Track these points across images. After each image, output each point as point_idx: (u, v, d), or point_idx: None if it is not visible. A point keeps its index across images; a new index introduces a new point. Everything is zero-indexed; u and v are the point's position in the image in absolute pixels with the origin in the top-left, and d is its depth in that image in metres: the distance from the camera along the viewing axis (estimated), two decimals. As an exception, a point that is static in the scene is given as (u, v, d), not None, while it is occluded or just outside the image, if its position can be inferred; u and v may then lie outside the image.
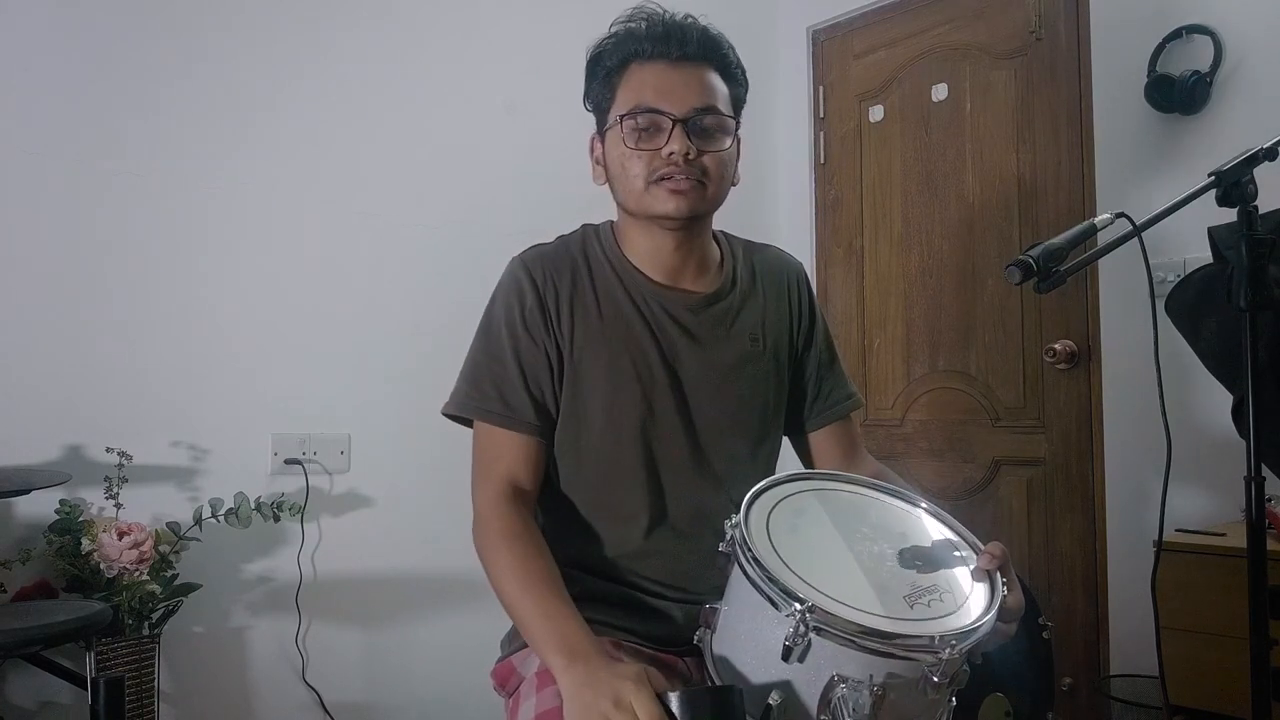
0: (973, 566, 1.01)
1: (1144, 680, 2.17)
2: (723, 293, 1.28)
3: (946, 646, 0.88)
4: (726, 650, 0.98)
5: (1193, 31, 2.30)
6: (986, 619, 0.93)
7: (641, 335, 1.22)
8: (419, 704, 2.34)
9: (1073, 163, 2.60)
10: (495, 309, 1.24)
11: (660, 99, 1.17)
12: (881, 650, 0.88)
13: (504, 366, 1.20)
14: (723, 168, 1.20)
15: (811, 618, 0.87)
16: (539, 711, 1.05)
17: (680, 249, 1.24)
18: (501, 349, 1.21)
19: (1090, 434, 2.54)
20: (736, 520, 0.97)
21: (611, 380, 1.20)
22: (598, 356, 1.21)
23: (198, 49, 2.12)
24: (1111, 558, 2.46)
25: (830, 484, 1.11)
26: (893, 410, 2.98)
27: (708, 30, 1.22)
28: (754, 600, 0.93)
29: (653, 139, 1.17)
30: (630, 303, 1.23)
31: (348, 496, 2.29)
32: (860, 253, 3.10)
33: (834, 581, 0.93)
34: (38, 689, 1.83)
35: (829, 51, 3.22)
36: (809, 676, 0.90)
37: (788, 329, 1.33)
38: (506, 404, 1.19)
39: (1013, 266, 1.22)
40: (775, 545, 0.96)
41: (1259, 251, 1.25)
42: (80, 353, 1.94)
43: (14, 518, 1.84)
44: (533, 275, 1.22)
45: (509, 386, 1.19)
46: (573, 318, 1.21)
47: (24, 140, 1.90)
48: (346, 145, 2.32)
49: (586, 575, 1.20)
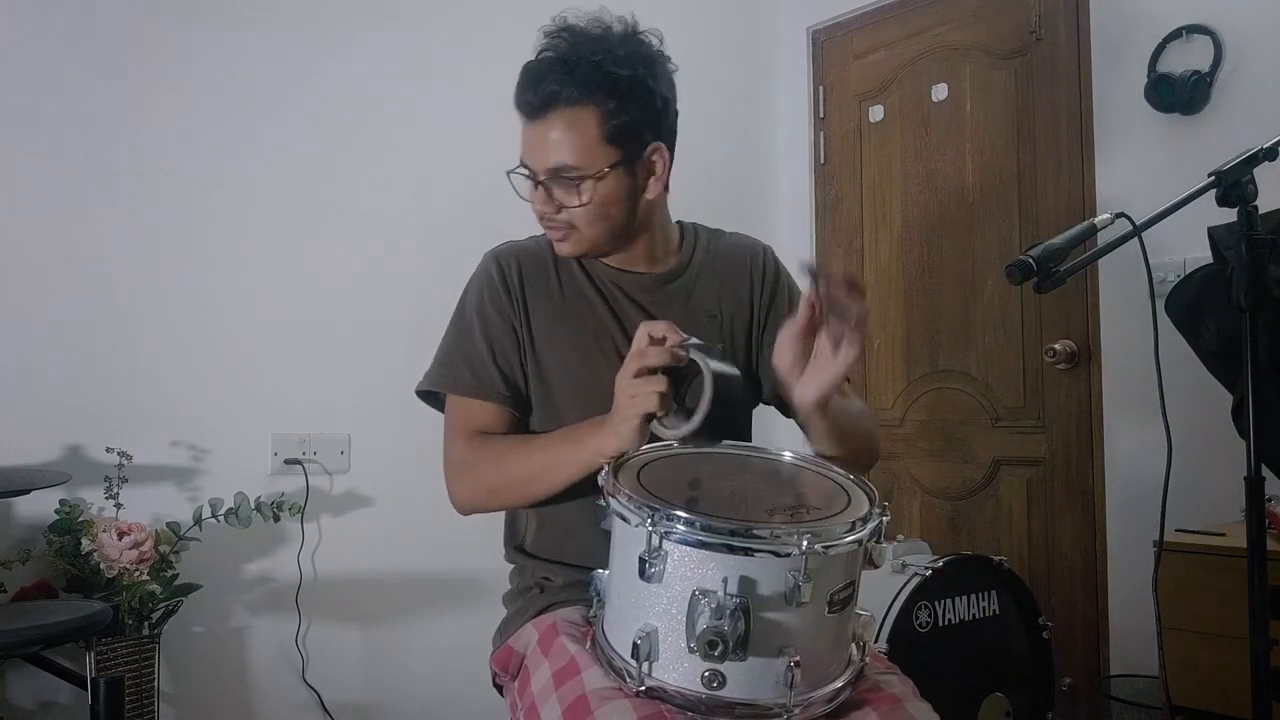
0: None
1: (1144, 680, 2.17)
2: (676, 273, 1.34)
3: (795, 531, 0.87)
4: (609, 597, 1.00)
5: (1193, 31, 2.30)
6: (845, 515, 0.94)
7: (602, 312, 1.29)
8: (419, 704, 2.34)
9: (1073, 163, 2.60)
10: (466, 297, 1.33)
11: (525, 154, 1.24)
12: (734, 545, 0.87)
13: (473, 345, 1.28)
14: (590, 215, 1.23)
15: (663, 521, 0.88)
16: (555, 670, 1.06)
17: (629, 247, 1.31)
18: (471, 329, 1.29)
19: (1090, 434, 2.54)
20: (606, 469, 1.00)
21: (577, 354, 1.27)
22: (559, 333, 1.28)
23: (198, 50, 2.12)
24: (1111, 558, 2.46)
25: (709, 448, 1.14)
26: (893, 410, 2.98)
27: (573, 70, 1.17)
28: (617, 530, 0.96)
29: (531, 189, 1.25)
30: (590, 285, 1.31)
31: (348, 496, 2.29)
32: (860, 253, 3.10)
33: (691, 502, 0.96)
34: (38, 689, 1.83)
35: (829, 51, 3.22)
36: (672, 600, 0.89)
37: (748, 305, 1.37)
38: (476, 377, 1.27)
39: (1013, 266, 1.22)
40: (641, 480, 0.99)
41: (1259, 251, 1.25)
42: (80, 353, 1.94)
43: (14, 518, 1.84)
44: (500, 263, 1.31)
45: (479, 362, 1.27)
46: (537, 299, 1.29)
47: (25, 140, 1.90)
48: (347, 146, 2.32)
49: (567, 567, 1.25)
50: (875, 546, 0.95)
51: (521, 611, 1.26)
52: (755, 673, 0.88)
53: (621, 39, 1.22)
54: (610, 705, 0.94)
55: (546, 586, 1.26)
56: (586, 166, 1.20)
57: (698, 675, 0.88)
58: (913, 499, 2.93)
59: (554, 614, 1.19)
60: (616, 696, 0.95)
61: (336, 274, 2.29)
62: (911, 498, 2.94)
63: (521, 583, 1.31)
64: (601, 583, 1.02)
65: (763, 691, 0.89)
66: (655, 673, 0.91)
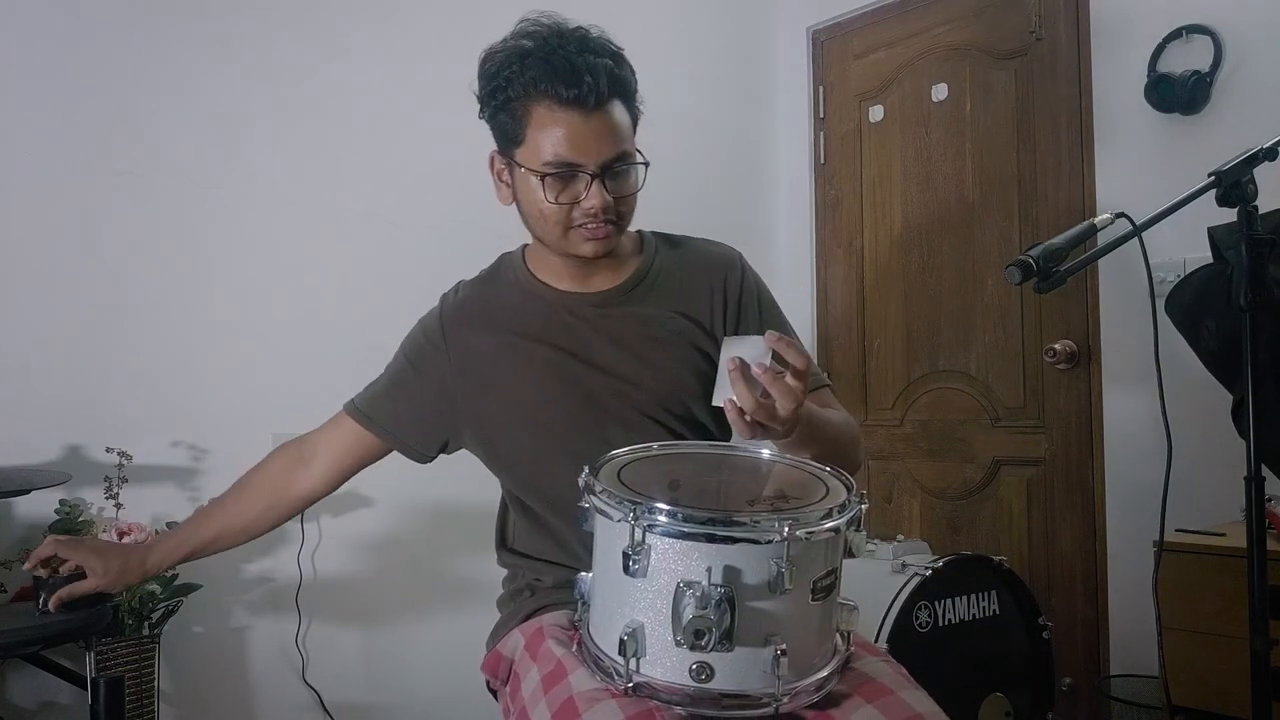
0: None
1: (1144, 680, 2.17)
2: (628, 286, 1.31)
3: (775, 519, 0.87)
4: (594, 598, 1.00)
5: (1193, 31, 2.30)
6: (826, 502, 0.94)
7: (550, 338, 1.29)
8: (419, 704, 2.34)
9: (1073, 163, 2.60)
10: (406, 339, 1.43)
11: (575, 152, 1.17)
12: (715, 534, 0.87)
13: (385, 378, 1.41)
14: (634, 203, 1.25)
15: (645, 515, 0.88)
16: (543, 674, 1.06)
17: (588, 265, 1.30)
18: (392, 365, 1.42)
19: (1090, 434, 2.54)
20: (586, 470, 1.01)
21: (526, 385, 1.27)
22: (503, 369, 1.29)
23: (198, 50, 2.12)
24: (1111, 558, 2.46)
25: (687, 448, 1.15)
26: (893, 410, 2.98)
27: (612, 66, 1.19)
28: (599, 528, 0.96)
29: (570, 189, 1.19)
30: (538, 315, 1.31)
31: (348, 496, 2.29)
32: (860, 253, 3.11)
33: (672, 496, 0.96)
34: (38, 689, 1.83)
35: (829, 51, 3.22)
36: (657, 594, 0.89)
37: (707, 313, 1.32)
38: (363, 401, 1.40)
39: (1013, 266, 1.22)
40: (621, 478, 0.99)
41: (1259, 251, 1.26)
42: (80, 353, 1.94)
43: (14, 518, 1.84)
44: (442, 314, 1.37)
45: (375, 391, 1.40)
46: (474, 343, 1.32)
47: (25, 141, 1.90)
48: (347, 146, 2.32)
49: (554, 565, 1.26)
50: (853, 535, 0.95)
51: (511, 617, 1.27)
52: (742, 663, 0.88)
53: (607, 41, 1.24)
54: (598, 707, 0.94)
55: (537, 588, 1.27)
56: (636, 153, 1.23)
57: (685, 668, 0.88)
58: (913, 499, 2.93)
59: (540, 619, 1.19)
60: (604, 697, 0.95)
61: (336, 274, 2.29)
62: (911, 498, 2.94)
63: (513, 586, 1.32)
64: (586, 585, 1.01)
65: (750, 682, 0.89)
66: (643, 668, 0.91)
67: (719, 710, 0.89)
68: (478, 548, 1.59)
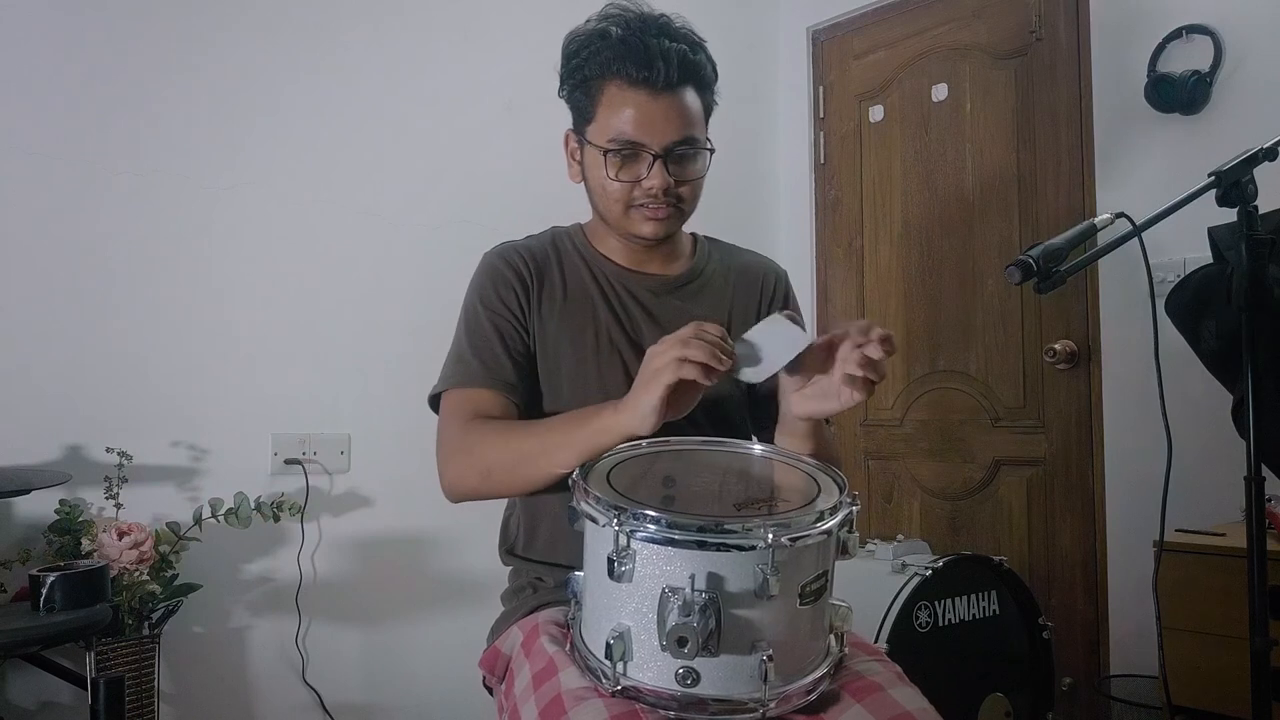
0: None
1: (1144, 680, 2.17)
2: (684, 279, 1.35)
3: (761, 525, 0.86)
4: (584, 600, 0.99)
5: (1193, 31, 2.30)
6: (811, 506, 0.93)
7: (604, 313, 1.29)
8: (419, 704, 2.34)
9: (1073, 163, 2.60)
10: (470, 296, 1.32)
11: (640, 131, 1.20)
12: (699, 541, 0.87)
13: (483, 336, 1.26)
14: (698, 189, 1.27)
15: (629, 520, 0.88)
16: (535, 671, 1.06)
17: (645, 251, 1.32)
18: (479, 322, 1.27)
19: (1090, 434, 2.54)
20: (576, 472, 1.01)
21: (577, 353, 1.27)
22: (563, 331, 1.28)
23: (199, 50, 2.12)
24: (1111, 558, 2.46)
25: (679, 444, 1.14)
26: (893, 410, 2.98)
27: (687, 51, 1.22)
28: (587, 531, 0.96)
29: (632, 168, 1.22)
30: (595, 284, 1.31)
31: (348, 496, 2.29)
32: (860, 253, 3.11)
33: (660, 500, 0.96)
34: (38, 689, 1.83)
35: (829, 51, 3.22)
36: (643, 599, 0.89)
37: (753, 321, 1.31)
38: (486, 366, 1.24)
39: (1013, 266, 1.22)
40: (610, 481, 0.98)
41: (1259, 251, 1.26)
42: (80, 353, 1.94)
43: (14, 518, 1.84)
44: (506, 259, 1.30)
45: (488, 352, 1.25)
46: (541, 295, 1.29)
47: (25, 140, 1.90)
48: (347, 145, 2.32)
49: (555, 567, 1.25)
50: (847, 536, 0.95)
51: (512, 612, 1.27)
52: (729, 669, 0.88)
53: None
54: (583, 705, 0.94)
55: (539, 587, 1.27)
56: (704, 139, 1.24)
57: (672, 673, 0.89)
58: (913, 499, 2.93)
59: (538, 615, 1.19)
60: (590, 696, 0.95)
61: (336, 274, 2.29)
62: (911, 498, 2.94)
63: (517, 582, 1.32)
64: (578, 584, 1.01)
65: (737, 687, 0.89)
66: (630, 672, 0.91)
67: (707, 715, 0.89)
68: (478, 548, 1.59)
